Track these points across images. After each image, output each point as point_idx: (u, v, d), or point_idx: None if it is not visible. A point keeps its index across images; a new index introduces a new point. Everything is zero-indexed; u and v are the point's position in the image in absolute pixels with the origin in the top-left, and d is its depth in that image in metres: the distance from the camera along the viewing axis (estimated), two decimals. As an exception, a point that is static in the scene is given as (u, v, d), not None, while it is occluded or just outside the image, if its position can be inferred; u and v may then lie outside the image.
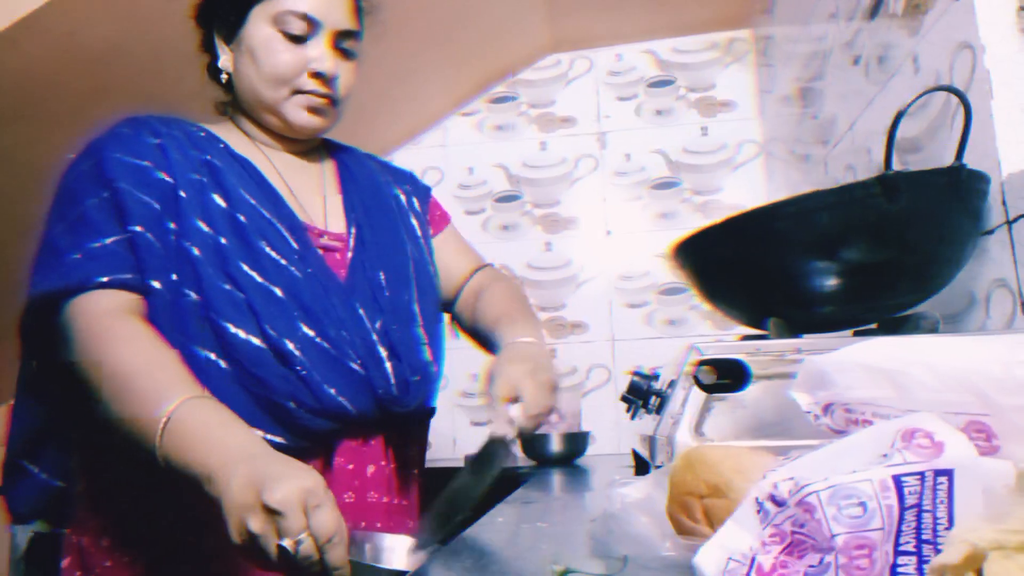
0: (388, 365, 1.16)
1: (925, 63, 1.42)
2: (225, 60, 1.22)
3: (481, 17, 2.88)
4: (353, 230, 1.27)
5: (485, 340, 1.31)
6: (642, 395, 1.23)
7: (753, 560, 0.53)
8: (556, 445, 2.37)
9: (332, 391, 1.08)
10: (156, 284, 1.04)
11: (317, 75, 1.19)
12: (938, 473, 0.50)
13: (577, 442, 2.43)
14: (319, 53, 1.19)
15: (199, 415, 0.90)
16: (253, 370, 1.04)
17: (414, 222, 1.40)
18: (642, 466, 1.39)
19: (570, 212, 3.27)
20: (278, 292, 1.09)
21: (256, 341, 1.05)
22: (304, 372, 1.06)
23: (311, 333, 1.09)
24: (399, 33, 1.37)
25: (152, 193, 1.08)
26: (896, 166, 1.04)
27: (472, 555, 0.87)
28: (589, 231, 3.24)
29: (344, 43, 1.23)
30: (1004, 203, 1.15)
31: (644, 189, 3.21)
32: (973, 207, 1.11)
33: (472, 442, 3.14)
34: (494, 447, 0.99)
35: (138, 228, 1.05)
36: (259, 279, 1.08)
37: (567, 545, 0.89)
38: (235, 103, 1.27)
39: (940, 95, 1.34)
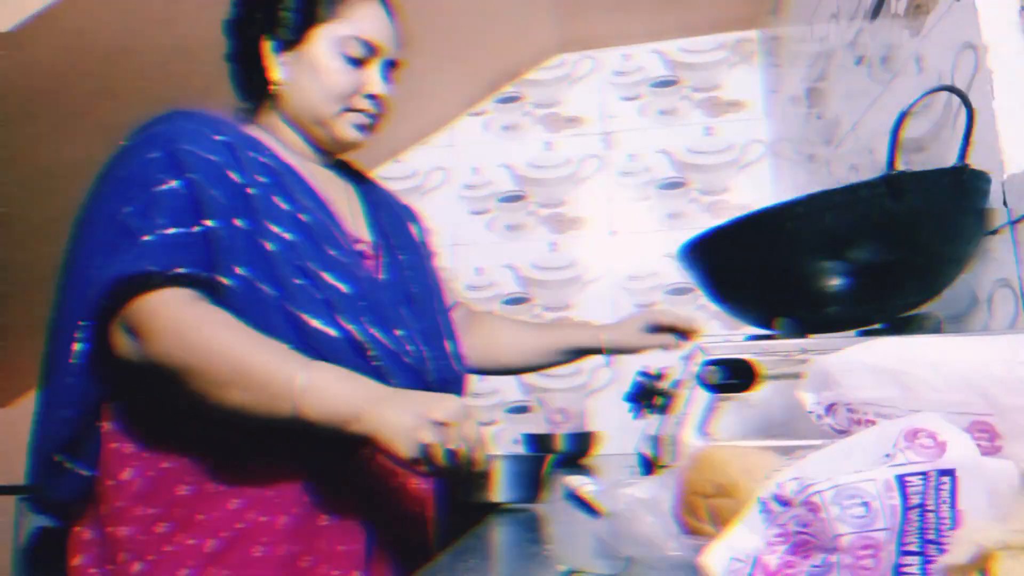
0: (429, 365, 1.23)
1: (928, 63, 1.43)
2: (278, 71, 1.25)
3: (489, 17, 2.88)
4: (380, 242, 1.33)
5: (522, 350, 1.57)
6: (647, 395, 1.24)
7: (758, 560, 0.54)
8: (561, 445, 2.37)
9: (395, 384, 1.13)
10: (225, 281, 1.06)
11: (370, 97, 1.27)
12: (941, 473, 0.50)
13: (582, 442, 2.43)
14: (374, 77, 1.26)
15: (325, 374, 0.99)
16: (333, 359, 1.06)
17: (421, 242, 1.48)
18: (647, 466, 1.39)
19: (575, 212, 3.27)
20: (344, 289, 1.14)
21: (333, 333, 1.10)
22: (377, 363, 1.13)
23: (372, 329, 1.15)
24: (407, 33, 1.38)
25: (223, 189, 1.10)
26: (899, 166, 1.05)
27: (478, 555, 0.88)
28: (594, 231, 3.24)
29: (390, 72, 1.31)
30: (1006, 203, 1.15)
31: (651, 189, 3.21)
32: (977, 207, 1.11)
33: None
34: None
35: (211, 223, 1.06)
36: (328, 278, 1.13)
37: (572, 544, 0.90)
38: (272, 110, 1.29)
39: (943, 95, 1.34)
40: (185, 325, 1.00)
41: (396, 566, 1.17)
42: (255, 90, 1.29)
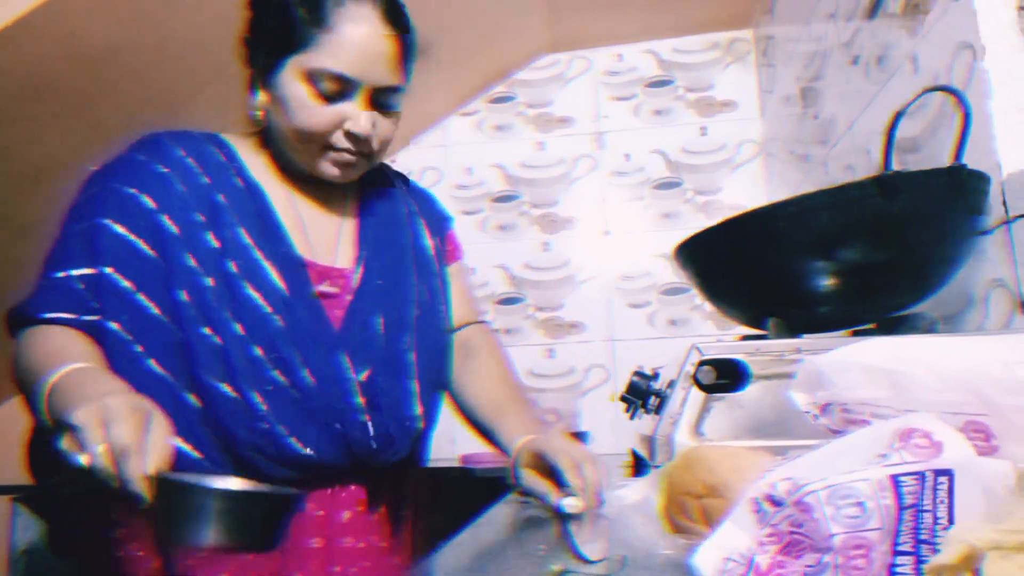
0: (367, 418, 1.13)
1: (924, 63, 1.42)
2: (261, 100, 1.16)
3: (480, 17, 2.88)
4: (360, 269, 1.23)
5: (475, 418, 1.32)
6: (642, 395, 1.23)
7: (751, 560, 0.53)
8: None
9: (297, 444, 1.08)
10: (115, 326, 1.04)
11: (350, 135, 1.13)
12: (937, 473, 0.50)
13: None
14: (354, 112, 1.12)
15: (79, 376, 0.90)
16: (219, 416, 1.05)
17: (431, 254, 1.36)
18: (640, 466, 1.39)
19: (568, 212, 3.27)
20: (255, 349, 1.08)
21: (227, 389, 1.06)
22: (267, 426, 1.06)
23: (286, 383, 1.08)
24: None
25: (140, 229, 1.08)
26: (895, 166, 1.05)
27: (470, 555, 0.87)
28: (587, 231, 3.24)
29: (383, 98, 1.15)
30: (1004, 203, 1.15)
31: (644, 189, 3.22)
32: (972, 207, 1.11)
33: (471, 441, 3.13)
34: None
35: (107, 269, 1.06)
36: (238, 329, 1.07)
37: (564, 545, 0.89)
38: (267, 132, 1.22)
39: (939, 95, 1.34)
40: (20, 363, 1.00)
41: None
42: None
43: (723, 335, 2.99)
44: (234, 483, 0.87)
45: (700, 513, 0.72)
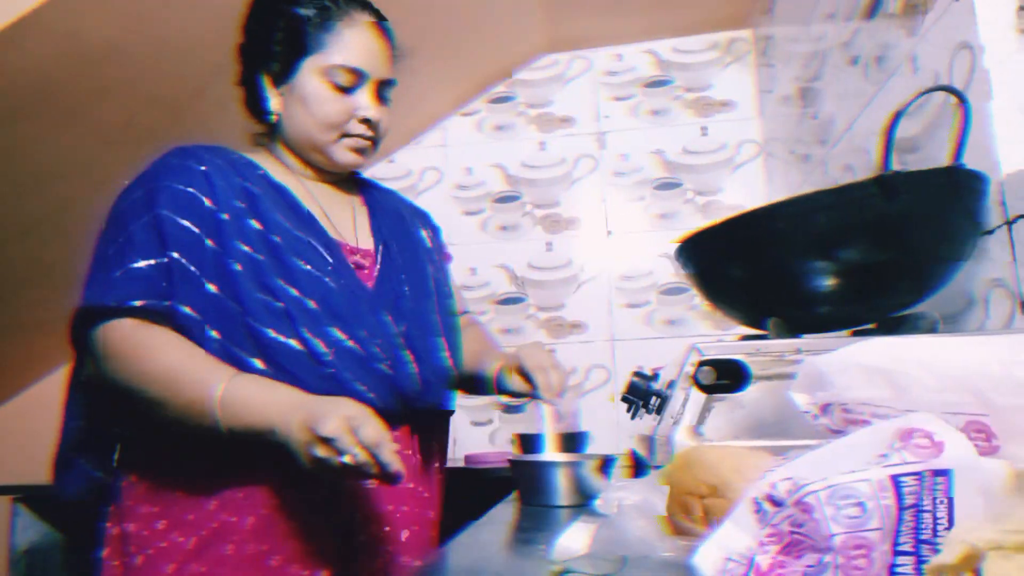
0: (412, 367, 1.27)
1: (924, 63, 1.42)
2: (275, 103, 1.33)
3: (480, 17, 2.88)
4: (380, 247, 1.40)
5: (463, 371, 1.48)
6: (642, 395, 1.23)
7: (751, 560, 0.53)
8: (553, 446, 2.36)
9: (361, 388, 1.20)
10: (187, 309, 1.15)
11: (364, 121, 1.33)
12: (937, 473, 0.50)
13: (575, 442, 2.42)
14: (365, 101, 1.32)
15: (246, 386, 1.07)
16: (290, 369, 1.16)
17: (431, 246, 1.55)
18: (640, 466, 1.39)
19: (569, 212, 3.27)
20: (311, 303, 1.20)
21: (293, 343, 1.17)
22: (333, 371, 1.18)
23: (342, 336, 1.21)
24: (398, 33, 1.39)
25: (194, 218, 1.19)
26: (895, 166, 1.04)
27: (470, 555, 0.87)
28: (589, 231, 3.24)
29: (383, 92, 1.36)
30: (1003, 203, 1.15)
31: (644, 189, 3.22)
32: (972, 207, 1.11)
33: (472, 442, 3.14)
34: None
35: (175, 254, 1.16)
36: (294, 291, 1.20)
37: (565, 545, 0.89)
38: (275, 137, 1.38)
39: (939, 95, 1.34)
40: (126, 352, 1.12)
41: (384, 563, 1.23)
42: (260, 116, 1.37)
43: (723, 335, 2.99)
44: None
45: (702, 513, 0.72)
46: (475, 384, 1.47)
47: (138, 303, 1.13)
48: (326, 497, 1.19)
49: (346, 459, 0.97)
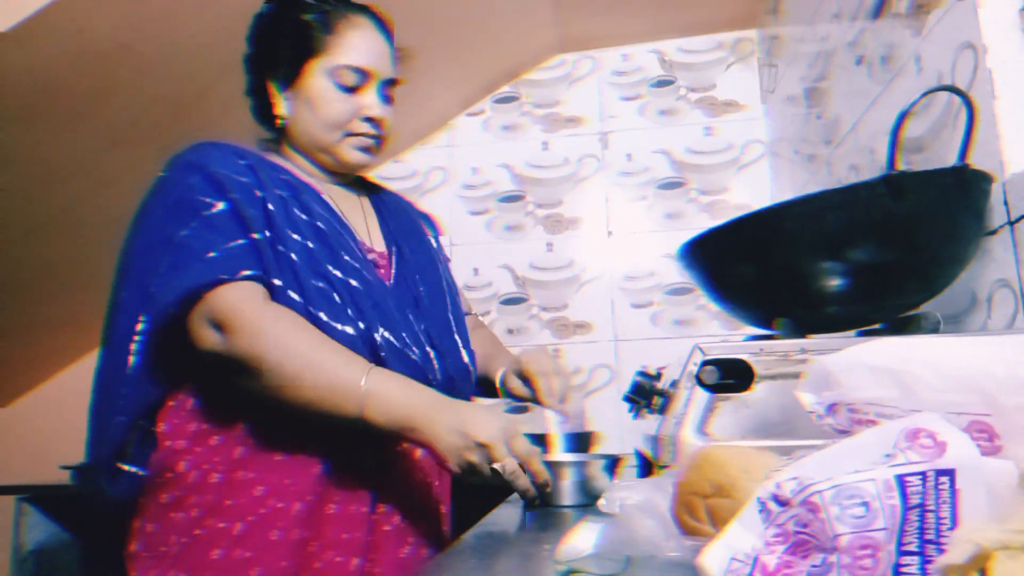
0: (435, 363, 1.31)
1: (928, 63, 1.42)
2: (282, 107, 1.35)
3: (488, 17, 2.88)
4: (393, 249, 1.43)
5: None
6: (646, 395, 1.23)
7: (757, 560, 0.54)
8: (557, 448, 2.36)
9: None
10: (277, 282, 1.17)
11: (369, 119, 1.34)
12: (940, 473, 0.50)
13: (581, 442, 2.43)
14: (371, 100, 1.34)
15: (387, 380, 1.11)
16: None
17: (437, 248, 1.58)
18: (646, 466, 1.39)
19: (573, 212, 3.27)
20: (360, 292, 1.24)
21: (349, 331, 1.19)
22: (386, 357, 1.21)
23: (381, 329, 1.23)
24: (406, 33, 1.39)
25: (254, 207, 1.21)
26: (899, 166, 1.04)
27: (476, 555, 0.88)
28: (592, 231, 3.24)
29: (386, 91, 1.37)
30: (1007, 203, 1.15)
31: (649, 189, 3.21)
32: (977, 207, 1.11)
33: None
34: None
35: (255, 236, 1.18)
36: (347, 280, 1.23)
37: (571, 544, 0.89)
38: (283, 142, 1.40)
39: (943, 95, 1.34)
40: (263, 322, 1.12)
41: (405, 553, 1.25)
42: (269, 122, 1.39)
43: (729, 335, 2.99)
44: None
45: (708, 513, 0.72)
46: (482, 386, 1.51)
47: (248, 271, 1.15)
48: (364, 485, 1.22)
49: (497, 466, 1.03)
